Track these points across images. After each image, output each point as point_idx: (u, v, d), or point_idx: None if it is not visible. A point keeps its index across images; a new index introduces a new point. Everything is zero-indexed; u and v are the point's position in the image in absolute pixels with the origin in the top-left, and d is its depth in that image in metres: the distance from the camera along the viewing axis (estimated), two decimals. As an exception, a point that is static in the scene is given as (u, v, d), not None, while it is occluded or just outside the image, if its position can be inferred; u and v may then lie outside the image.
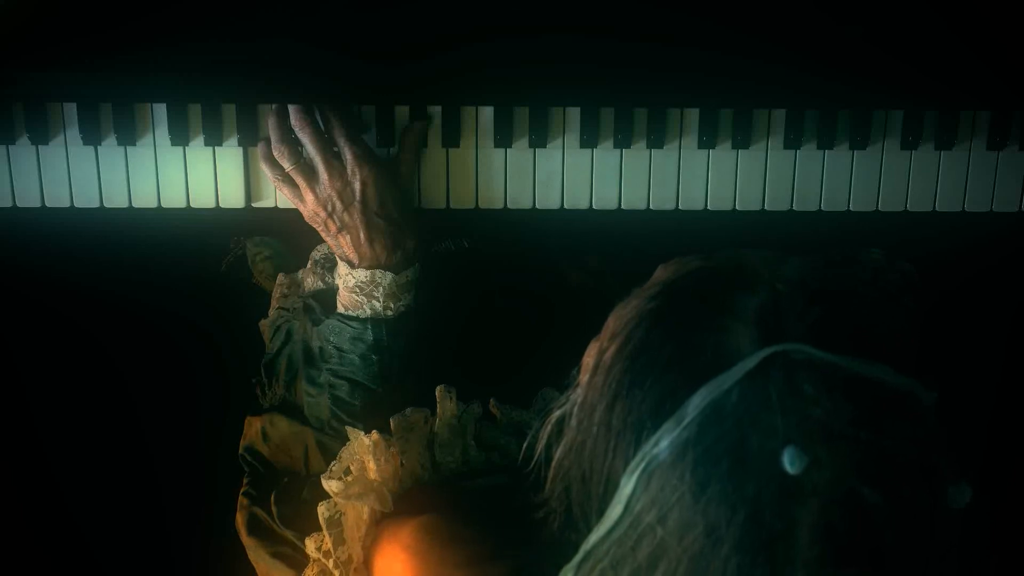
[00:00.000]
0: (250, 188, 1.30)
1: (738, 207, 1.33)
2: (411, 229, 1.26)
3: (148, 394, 1.58)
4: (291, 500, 1.20)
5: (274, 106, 1.25)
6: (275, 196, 1.30)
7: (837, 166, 1.33)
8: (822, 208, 1.34)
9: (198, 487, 1.48)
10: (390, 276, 1.24)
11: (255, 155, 1.28)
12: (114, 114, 1.27)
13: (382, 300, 1.24)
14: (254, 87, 1.25)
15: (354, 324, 1.24)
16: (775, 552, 0.62)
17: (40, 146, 1.27)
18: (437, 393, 1.15)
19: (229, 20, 1.22)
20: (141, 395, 1.59)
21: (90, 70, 1.22)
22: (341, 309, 1.26)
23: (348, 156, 1.23)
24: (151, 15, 1.21)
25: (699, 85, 1.27)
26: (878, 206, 1.34)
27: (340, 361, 1.24)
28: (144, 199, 1.29)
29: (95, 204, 1.29)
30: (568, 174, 1.32)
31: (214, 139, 1.28)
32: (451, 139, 1.30)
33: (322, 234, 1.26)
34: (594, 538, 0.69)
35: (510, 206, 1.32)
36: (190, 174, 1.29)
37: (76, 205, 1.29)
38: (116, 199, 1.29)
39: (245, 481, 1.28)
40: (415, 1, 1.24)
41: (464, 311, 1.38)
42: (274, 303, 1.37)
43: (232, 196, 1.30)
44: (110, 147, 1.28)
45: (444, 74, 1.24)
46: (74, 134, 1.27)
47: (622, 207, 1.32)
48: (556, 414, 0.76)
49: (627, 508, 0.66)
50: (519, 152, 1.31)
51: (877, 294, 0.71)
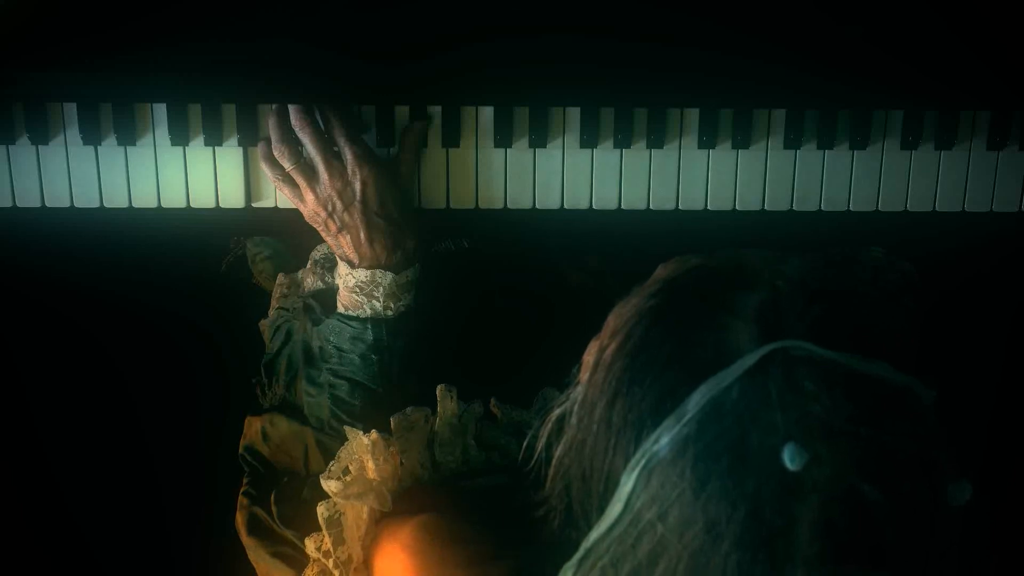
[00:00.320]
0: (250, 188, 1.30)
1: (738, 207, 1.33)
2: (411, 229, 1.26)
3: (148, 394, 1.58)
4: (291, 500, 1.20)
5: (274, 106, 1.25)
6: (275, 196, 1.30)
7: (837, 166, 1.33)
8: (822, 208, 1.34)
9: (198, 487, 1.48)
10: (390, 276, 1.24)
11: (255, 155, 1.28)
12: (114, 114, 1.27)
13: (382, 300, 1.24)
14: (254, 87, 1.25)
15: (354, 324, 1.24)
16: (775, 548, 0.62)
17: (40, 146, 1.27)
18: (438, 392, 1.15)
19: (229, 20, 1.22)
20: (141, 395, 1.58)
21: (90, 70, 1.22)
22: (341, 309, 1.26)
23: (348, 156, 1.23)
24: (151, 15, 1.21)
25: (699, 85, 1.27)
26: (878, 206, 1.34)
27: (340, 361, 1.24)
28: (144, 199, 1.29)
29: (95, 204, 1.29)
30: (568, 174, 1.32)
31: (214, 139, 1.28)
32: (451, 139, 1.30)
33: (322, 234, 1.26)
34: (594, 536, 0.69)
35: (510, 206, 1.32)
36: (190, 174, 1.29)
37: (76, 205, 1.29)
38: (116, 199, 1.29)
39: (245, 481, 1.28)
40: (415, 1, 1.24)
41: (464, 311, 1.38)
42: (274, 303, 1.37)
43: (232, 196, 1.30)
44: (110, 147, 1.28)
45: (444, 74, 1.24)
46: (74, 134, 1.27)
47: (622, 207, 1.32)
48: (556, 412, 0.76)
49: (627, 505, 0.66)
50: (519, 152, 1.31)
51: (877, 293, 0.71)
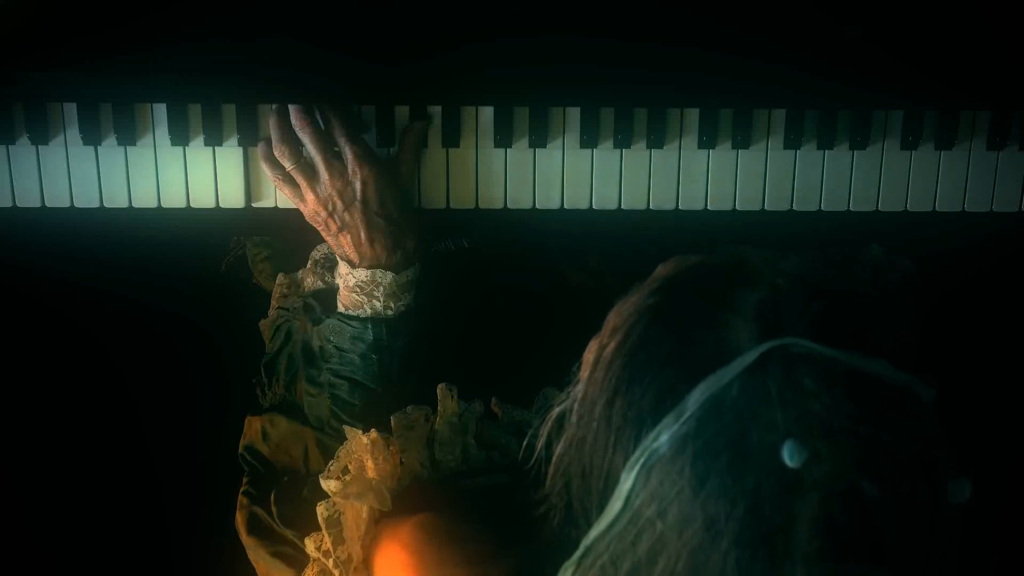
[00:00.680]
0: (250, 188, 1.30)
1: (738, 207, 1.33)
2: (411, 229, 1.26)
3: (148, 394, 1.58)
4: (291, 499, 1.20)
5: (274, 106, 1.25)
6: (275, 196, 1.30)
7: (837, 166, 1.33)
8: (822, 208, 1.34)
9: (198, 487, 1.48)
10: (390, 276, 1.24)
11: (255, 155, 1.28)
12: (114, 114, 1.27)
13: (382, 300, 1.24)
14: (254, 87, 1.25)
15: (354, 323, 1.24)
16: (775, 546, 0.62)
17: (40, 146, 1.27)
18: (438, 391, 1.15)
19: (229, 20, 1.22)
20: (141, 395, 1.58)
21: (90, 70, 1.22)
22: (341, 308, 1.26)
23: (348, 156, 1.23)
24: (151, 15, 1.21)
25: (699, 85, 1.27)
26: (878, 206, 1.34)
27: (340, 361, 1.24)
28: (144, 199, 1.29)
29: (95, 204, 1.29)
30: (568, 174, 1.32)
31: (214, 139, 1.28)
32: (451, 139, 1.30)
33: (323, 234, 1.26)
34: (594, 533, 0.69)
35: (510, 206, 1.32)
36: (190, 174, 1.29)
37: (76, 205, 1.29)
38: (116, 199, 1.29)
39: (245, 481, 1.28)
40: (415, 1, 1.24)
41: (464, 311, 1.38)
42: (274, 303, 1.37)
43: (232, 196, 1.30)
44: (110, 147, 1.28)
45: (444, 74, 1.24)
46: (74, 134, 1.27)
47: (622, 207, 1.32)
48: (556, 411, 0.76)
49: (627, 503, 0.66)
50: (519, 152, 1.31)
51: (877, 291, 0.71)
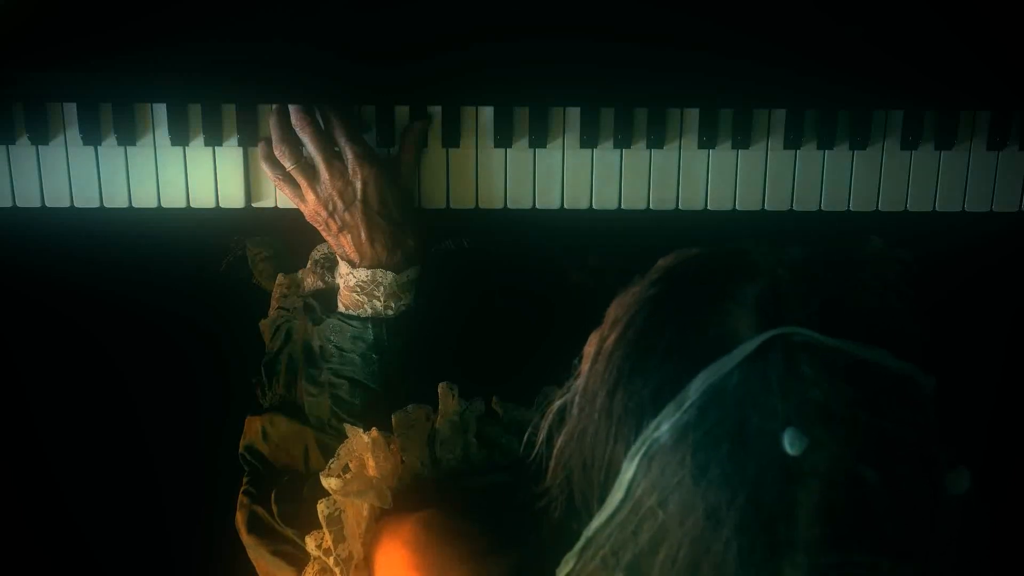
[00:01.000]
0: (250, 188, 1.30)
1: (738, 207, 1.33)
2: (412, 228, 1.26)
3: (148, 394, 1.58)
4: (292, 498, 1.20)
5: (274, 106, 1.25)
6: (275, 196, 1.30)
7: (837, 166, 1.33)
8: (822, 208, 1.34)
9: (198, 487, 1.48)
10: (391, 275, 1.24)
11: (255, 155, 1.28)
12: (114, 114, 1.27)
13: (383, 299, 1.24)
14: (254, 87, 1.25)
15: (355, 323, 1.24)
16: (775, 533, 0.62)
17: (40, 146, 1.27)
18: (440, 390, 1.15)
19: (229, 20, 1.23)
20: (141, 395, 1.58)
21: (90, 70, 1.22)
22: (342, 308, 1.26)
23: (349, 155, 1.23)
24: (151, 15, 1.21)
25: (699, 85, 1.27)
26: (878, 206, 1.34)
27: (341, 360, 1.24)
28: (144, 199, 1.29)
29: (95, 204, 1.29)
30: (568, 174, 1.32)
31: (214, 139, 1.28)
32: (451, 139, 1.30)
33: (323, 233, 1.26)
34: (595, 524, 0.69)
35: (510, 206, 1.32)
36: (190, 174, 1.29)
37: (76, 205, 1.29)
38: (116, 199, 1.29)
39: (245, 480, 1.28)
40: (415, 1, 1.24)
41: (464, 311, 1.38)
42: (274, 303, 1.37)
43: (232, 196, 1.30)
44: (110, 147, 1.28)
45: (444, 74, 1.25)
46: (74, 134, 1.27)
47: (622, 207, 1.32)
48: (558, 403, 0.76)
49: (628, 493, 0.66)
50: (519, 152, 1.31)
51: (876, 282, 0.71)
